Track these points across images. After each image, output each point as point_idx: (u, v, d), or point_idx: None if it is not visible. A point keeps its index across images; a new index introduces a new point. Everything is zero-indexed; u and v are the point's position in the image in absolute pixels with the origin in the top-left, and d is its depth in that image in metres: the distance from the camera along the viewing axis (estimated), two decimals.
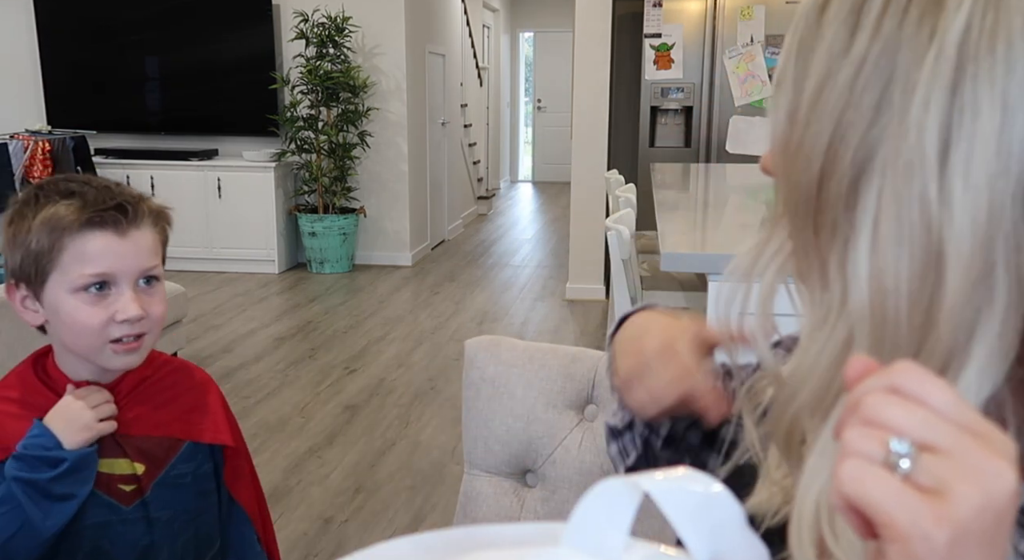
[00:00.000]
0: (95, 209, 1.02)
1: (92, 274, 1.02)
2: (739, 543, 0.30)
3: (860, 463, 0.34)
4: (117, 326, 1.03)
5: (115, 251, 1.03)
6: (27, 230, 1.01)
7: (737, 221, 2.57)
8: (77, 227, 1.01)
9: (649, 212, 3.05)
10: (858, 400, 0.36)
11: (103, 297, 1.03)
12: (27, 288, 1.05)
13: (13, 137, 5.60)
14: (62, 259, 1.01)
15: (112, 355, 1.05)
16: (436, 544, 0.30)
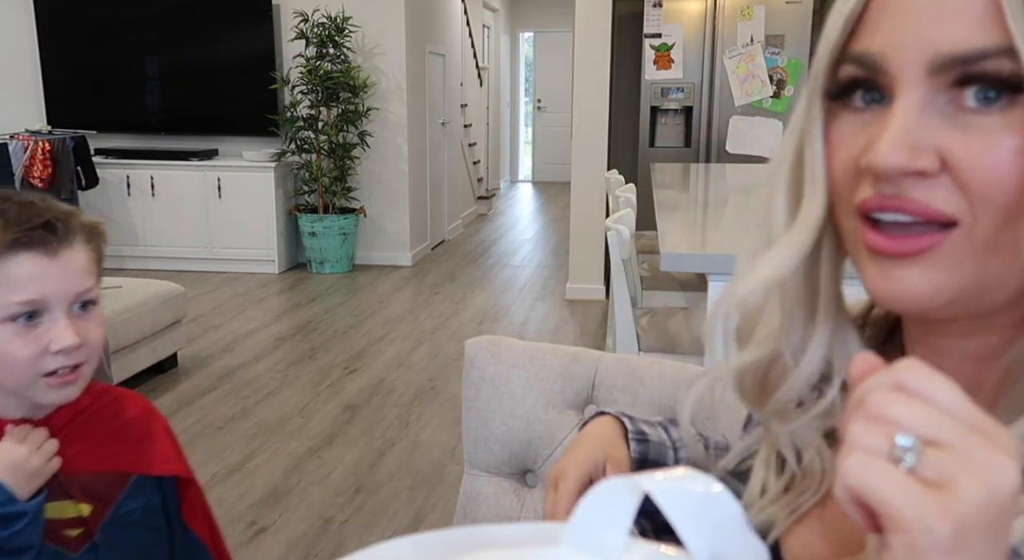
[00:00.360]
0: (20, 228, 0.91)
1: (21, 302, 0.91)
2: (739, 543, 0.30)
3: (865, 456, 0.34)
4: (51, 358, 0.93)
5: (45, 274, 0.92)
6: None
7: (737, 221, 2.57)
8: (1, 250, 0.90)
9: (649, 212, 3.05)
10: (863, 396, 0.36)
11: (34, 326, 0.93)
12: None
13: (13, 137, 5.60)
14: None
15: (46, 389, 0.95)
16: (436, 544, 0.30)
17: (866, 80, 0.47)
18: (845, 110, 0.49)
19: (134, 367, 3.59)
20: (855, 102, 0.48)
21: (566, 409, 1.17)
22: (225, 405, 3.56)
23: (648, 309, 2.69)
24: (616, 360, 1.19)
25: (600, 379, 1.19)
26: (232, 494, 2.79)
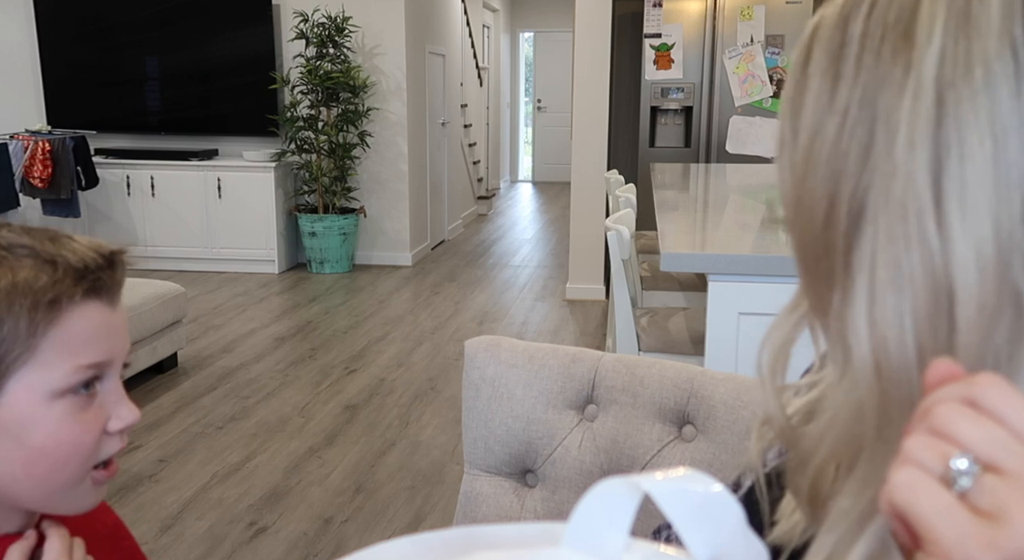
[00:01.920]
0: (85, 269, 0.69)
1: (88, 365, 0.69)
2: (739, 543, 0.30)
3: (916, 473, 0.33)
4: (108, 440, 0.71)
5: (109, 328, 0.71)
6: None
7: (737, 221, 2.57)
8: (68, 299, 0.68)
9: (649, 212, 3.05)
10: (930, 407, 0.34)
11: (91, 400, 0.70)
12: None
13: (13, 137, 5.60)
14: (41, 349, 0.67)
15: (90, 489, 0.71)
16: (436, 544, 0.30)
17: None
18: None
19: (134, 367, 3.59)
20: None
21: (566, 409, 1.17)
22: (225, 405, 3.56)
23: (648, 309, 2.69)
24: (616, 360, 1.19)
25: (600, 379, 1.19)
26: (232, 494, 2.79)
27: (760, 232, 2.25)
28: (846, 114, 0.44)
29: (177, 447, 3.15)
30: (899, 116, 0.41)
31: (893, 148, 0.41)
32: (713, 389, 1.09)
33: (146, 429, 3.30)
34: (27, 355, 0.66)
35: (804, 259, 0.48)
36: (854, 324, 0.43)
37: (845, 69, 0.44)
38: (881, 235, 0.42)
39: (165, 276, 5.03)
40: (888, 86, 0.42)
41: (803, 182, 0.46)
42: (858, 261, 0.43)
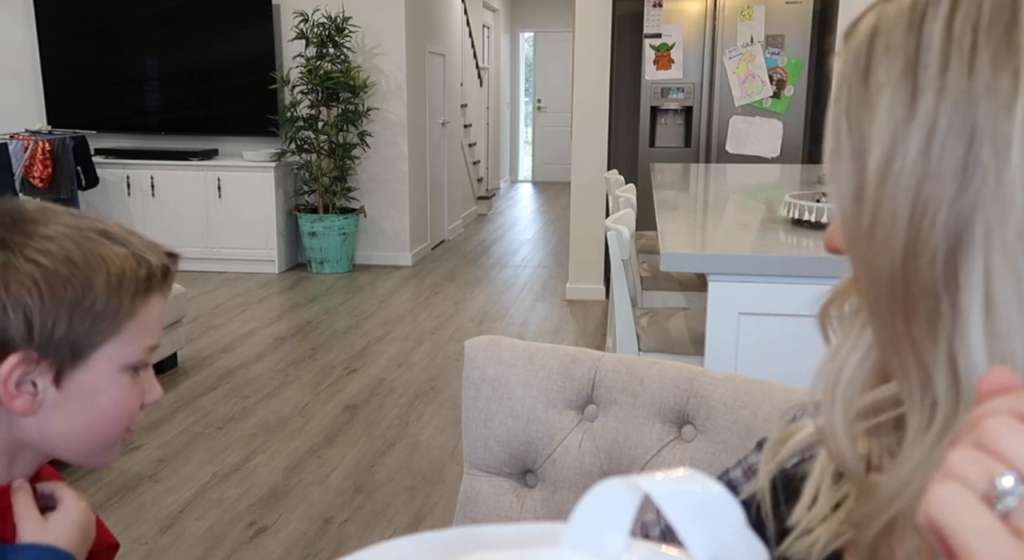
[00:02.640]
0: (158, 262, 0.81)
1: (149, 347, 0.82)
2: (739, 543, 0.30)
3: (957, 489, 0.31)
4: (138, 415, 0.84)
5: (162, 318, 0.84)
6: (86, 286, 0.75)
7: (737, 221, 2.57)
8: (147, 285, 0.80)
9: (649, 212, 3.05)
10: (979, 419, 0.32)
11: (136, 375, 0.82)
12: (49, 364, 0.76)
13: (13, 137, 5.60)
14: (126, 326, 0.78)
15: (118, 448, 0.85)
16: (436, 544, 0.30)
17: None
18: None
19: None
20: None
21: (566, 409, 1.17)
22: (225, 405, 3.56)
23: (648, 309, 2.69)
24: (616, 360, 1.19)
25: (600, 379, 1.19)
26: (232, 494, 2.79)
27: (760, 232, 2.25)
28: (932, 131, 0.40)
29: (177, 447, 3.15)
30: (1010, 132, 0.38)
31: (1006, 166, 0.38)
32: (713, 389, 1.09)
33: (146, 429, 3.30)
34: (112, 332, 0.77)
35: (875, 291, 0.43)
36: (969, 360, 0.39)
37: (925, 80, 0.40)
38: (996, 263, 0.38)
39: None
40: (989, 99, 0.38)
41: (877, 207, 0.42)
42: (967, 291, 0.39)
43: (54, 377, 0.76)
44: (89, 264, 0.76)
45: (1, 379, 0.74)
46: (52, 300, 0.74)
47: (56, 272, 0.75)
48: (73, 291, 0.75)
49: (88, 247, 0.76)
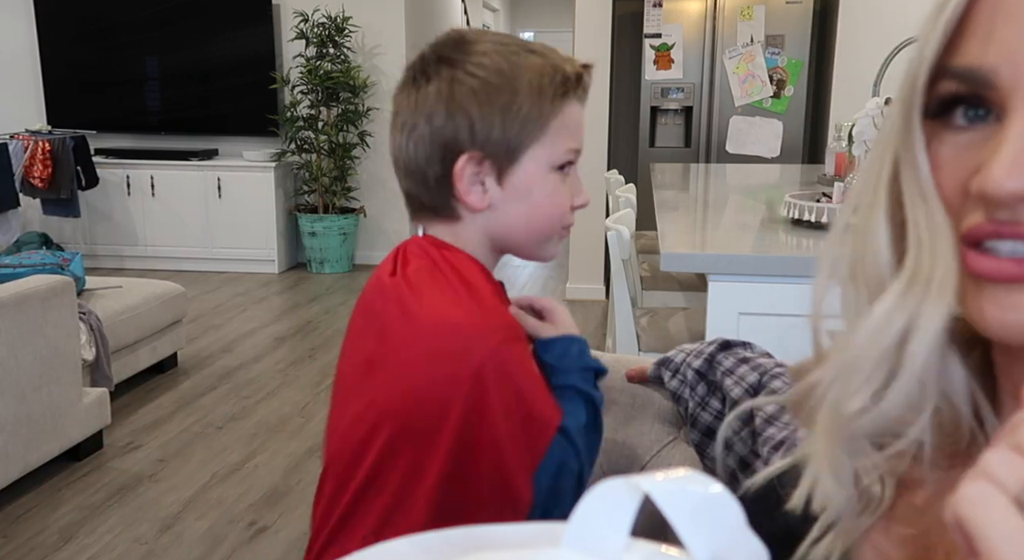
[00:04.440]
0: (575, 73, 0.89)
1: (574, 149, 0.90)
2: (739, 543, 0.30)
3: (988, 489, 0.31)
4: (569, 213, 0.94)
5: (582, 125, 0.92)
6: (513, 92, 0.86)
7: (737, 221, 2.57)
8: (565, 92, 0.88)
9: (649, 212, 3.05)
10: (1019, 423, 0.33)
11: (564, 178, 0.92)
12: (491, 164, 0.88)
13: (13, 137, 5.60)
14: (551, 128, 0.88)
15: (556, 242, 0.97)
16: (436, 544, 0.30)
17: (970, 96, 0.42)
18: (945, 129, 0.44)
19: (134, 367, 3.59)
20: (956, 120, 0.43)
21: None
22: (225, 405, 3.56)
23: (648, 309, 2.69)
24: (616, 360, 1.19)
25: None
26: (232, 494, 2.79)
27: (760, 232, 2.25)
28: None
29: (177, 447, 3.15)
30: None
31: None
32: None
33: (146, 429, 3.30)
34: (539, 133, 0.88)
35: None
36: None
37: None
38: None
39: (165, 276, 5.03)
40: None
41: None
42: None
43: (496, 175, 0.89)
44: (515, 73, 0.86)
45: (456, 175, 0.88)
46: (488, 106, 0.86)
47: (489, 82, 0.86)
48: (503, 97, 0.86)
49: (513, 59, 0.87)
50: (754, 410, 0.87)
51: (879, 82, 2.67)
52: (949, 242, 0.43)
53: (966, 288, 0.43)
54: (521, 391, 0.84)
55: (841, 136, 2.93)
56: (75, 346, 2.92)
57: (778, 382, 0.89)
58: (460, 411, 0.82)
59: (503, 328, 0.86)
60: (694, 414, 1.01)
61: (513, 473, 0.84)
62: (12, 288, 2.64)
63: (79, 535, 2.53)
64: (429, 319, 0.86)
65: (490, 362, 0.83)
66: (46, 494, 2.77)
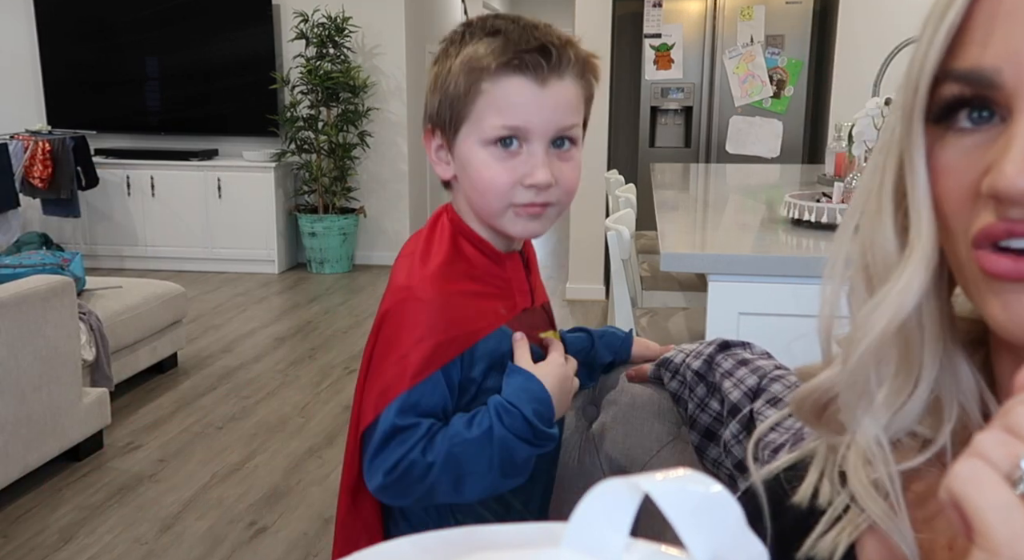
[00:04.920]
0: (516, 50, 0.89)
1: (504, 125, 0.90)
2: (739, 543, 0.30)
3: (980, 466, 0.33)
4: (523, 190, 0.92)
5: (531, 102, 0.90)
6: (448, 71, 0.92)
7: (737, 221, 2.56)
8: (494, 69, 0.89)
9: (649, 212, 3.05)
10: (1011, 408, 0.34)
11: (512, 155, 0.92)
12: (442, 136, 0.95)
13: (13, 137, 5.60)
14: (476, 105, 0.91)
15: (513, 219, 0.94)
16: (436, 544, 0.30)
17: (974, 98, 0.42)
18: (948, 132, 0.44)
19: (134, 367, 3.59)
20: (960, 123, 0.43)
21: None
22: (225, 405, 3.56)
23: (648, 309, 2.69)
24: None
25: (600, 379, 1.19)
26: (232, 494, 2.79)
27: (760, 232, 2.25)
28: None
29: (177, 447, 3.15)
30: None
31: None
32: None
33: (146, 429, 3.30)
34: (468, 110, 0.91)
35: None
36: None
37: None
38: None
39: (165, 276, 5.03)
40: None
41: None
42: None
43: (448, 149, 0.95)
44: (455, 54, 0.92)
45: (426, 147, 0.99)
46: (433, 85, 0.94)
47: (437, 63, 0.94)
48: (441, 77, 0.93)
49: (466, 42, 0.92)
50: (754, 414, 0.87)
51: (879, 82, 2.67)
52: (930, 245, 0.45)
53: (982, 290, 0.43)
54: (394, 335, 0.93)
55: (841, 136, 2.93)
56: (75, 346, 2.92)
57: (777, 385, 0.89)
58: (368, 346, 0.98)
59: (409, 289, 0.94)
60: (693, 415, 1.01)
61: (366, 405, 0.94)
62: (12, 288, 2.64)
63: (79, 535, 2.53)
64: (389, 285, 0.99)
65: (391, 308, 0.95)
66: (46, 494, 2.77)
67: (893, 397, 0.47)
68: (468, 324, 0.94)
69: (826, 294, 0.50)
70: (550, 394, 0.93)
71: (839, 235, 0.50)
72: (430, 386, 0.92)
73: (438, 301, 0.92)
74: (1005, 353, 0.47)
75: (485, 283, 0.97)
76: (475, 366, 0.95)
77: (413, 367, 0.91)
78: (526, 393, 0.92)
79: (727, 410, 0.93)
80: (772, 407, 0.86)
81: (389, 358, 0.93)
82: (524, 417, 0.91)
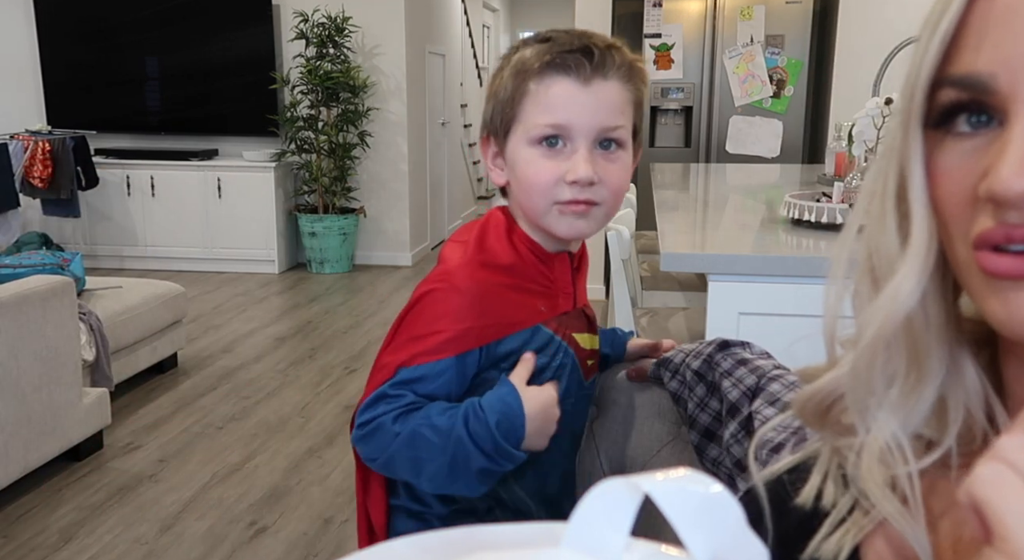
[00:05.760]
0: (559, 50, 0.92)
1: (548, 124, 0.93)
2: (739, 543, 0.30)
3: (1003, 469, 0.32)
4: (565, 187, 0.93)
5: (574, 100, 0.92)
6: (500, 79, 0.96)
7: (737, 221, 2.56)
8: (538, 70, 0.92)
9: (649, 212, 3.05)
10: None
11: (556, 153, 0.94)
12: (496, 143, 0.99)
13: (13, 137, 5.60)
14: (524, 106, 0.94)
15: (558, 217, 0.95)
16: (436, 544, 0.30)
17: (971, 103, 0.43)
18: (948, 137, 0.44)
19: (134, 367, 3.59)
20: (959, 127, 0.44)
21: None
22: (225, 405, 3.56)
23: (648, 309, 2.69)
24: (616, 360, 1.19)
25: (600, 379, 1.18)
26: (232, 494, 2.79)
27: (760, 232, 2.25)
28: None
29: (177, 447, 3.15)
30: None
31: None
32: None
33: (146, 429, 3.30)
34: (516, 112, 0.95)
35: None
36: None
37: None
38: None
39: (165, 276, 5.03)
40: None
41: None
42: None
43: (501, 154, 0.99)
44: (506, 63, 0.97)
45: (482, 155, 1.03)
46: (489, 93, 0.99)
47: (492, 73, 0.99)
48: (493, 84, 0.98)
49: (517, 49, 0.97)
50: (753, 413, 0.87)
51: (879, 82, 2.67)
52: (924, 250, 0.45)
53: (982, 289, 0.43)
54: (419, 316, 0.97)
55: (841, 136, 2.93)
56: (75, 346, 2.92)
57: (776, 384, 0.89)
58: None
59: (448, 275, 0.97)
60: (693, 415, 1.01)
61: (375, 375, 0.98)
62: (12, 288, 2.64)
63: (79, 535, 2.53)
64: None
65: (427, 292, 0.98)
66: (46, 494, 2.77)
67: (904, 397, 0.47)
68: (503, 315, 0.96)
69: (830, 295, 0.50)
70: (526, 415, 0.92)
71: (843, 236, 0.50)
72: (439, 369, 0.94)
73: (475, 291, 0.95)
74: (1012, 356, 0.47)
75: (529, 280, 0.99)
76: (503, 359, 0.97)
77: (428, 346, 0.94)
78: (501, 404, 0.92)
79: (726, 410, 0.94)
80: (771, 406, 0.86)
81: (409, 337, 0.96)
82: (488, 426, 0.91)
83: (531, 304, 0.99)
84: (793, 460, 0.57)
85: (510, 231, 1.00)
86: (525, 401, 0.93)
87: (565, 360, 1.02)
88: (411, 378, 0.94)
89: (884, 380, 0.47)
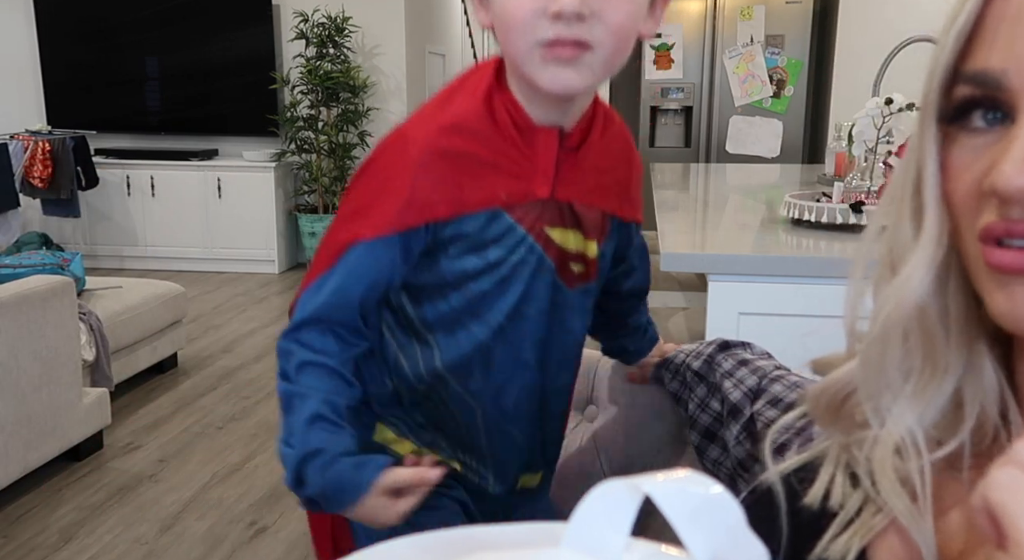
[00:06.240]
0: None
1: None
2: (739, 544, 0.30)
3: (1019, 474, 0.32)
4: (548, 23, 0.77)
5: None
6: None
7: (737, 221, 2.56)
8: None
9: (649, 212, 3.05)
10: None
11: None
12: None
13: (13, 137, 5.60)
14: None
15: (540, 64, 0.79)
16: (436, 544, 0.30)
17: (984, 99, 0.44)
18: (963, 132, 0.45)
19: (134, 367, 3.59)
20: (974, 123, 0.45)
21: None
22: (225, 405, 3.56)
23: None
24: (615, 361, 1.19)
25: (599, 380, 1.19)
26: (232, 494, 2.79)
27: (760, 232, 2.25)
28: None
29: (177, 447, 3.15)
30: None
31: None
32: None
33: (146, 429, 3.30)
34: None
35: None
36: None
37: None
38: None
39: (165, 276, 5.03)
40: None
41: None
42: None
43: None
44: None
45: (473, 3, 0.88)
46: None
47: None
48: None
49: None
50: (755, 415, 0.87)
51: (879, 82, 2.67)
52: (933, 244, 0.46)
53: (988, 283, 0.44)
54: (366, 184, 0.88)
55: (841, 136, 2.93)
56: (75, 346, 2.92)
57: (777, 385, 0.89)
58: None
59: (403, 135, 0.88)
60: (694, 416, 1.01)
61: (320, 255, 0.89)
62: (12, 288, 2.64)
63: (79, 535, 2.53)
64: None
65: (377, 153, 0.89)
66: (46, 494, 2.77)
67: (920, 391, 0.47)
68: (456, 192, 0.84)
69: (851, 289, 0.51)
70: (348, 511, 0.83)
71: (867, 233, 0.51)
72: (379, 251, 0.85)
73: (429, 157, 0.83)
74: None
75: (497, 151, 0.85)
76: (449, 243, 0.86)
77: (369, 222, 0.85)
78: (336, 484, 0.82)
79: (727, 410, 0.94)
80: (772, 408, 0.86)
81: (353, 208, 0.88)
82: (284, 458, 0.85)
83: (492, 184, 0.85)
84: (800, 459, 0.57)
85: (492, 90, 0.87)
86: (358, 508, 0.83)
87: (528, 257, 0.88)
88: (332, 303, 0.85)
89: (901, 374, 0.48)
